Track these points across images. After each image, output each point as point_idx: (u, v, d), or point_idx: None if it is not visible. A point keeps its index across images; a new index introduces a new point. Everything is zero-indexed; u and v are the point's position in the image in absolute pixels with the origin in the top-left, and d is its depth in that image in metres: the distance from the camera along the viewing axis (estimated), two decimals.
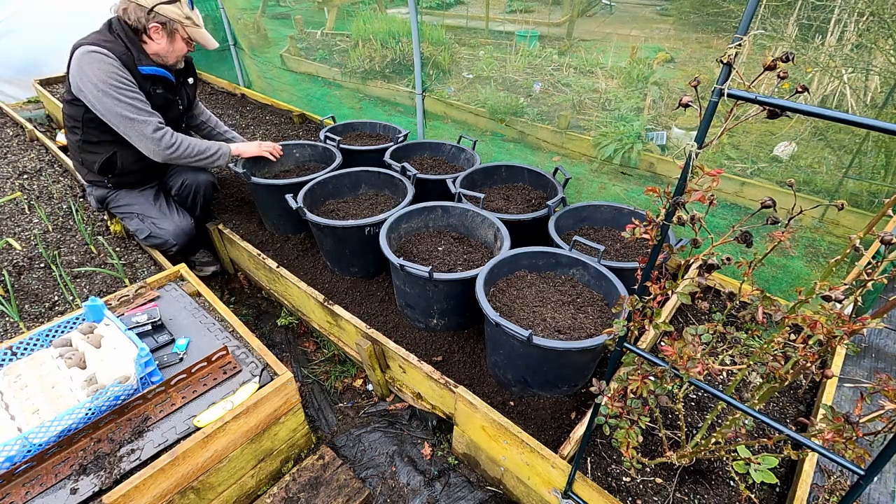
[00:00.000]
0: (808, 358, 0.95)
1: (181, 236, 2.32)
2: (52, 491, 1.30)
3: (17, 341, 1.63)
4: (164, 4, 1.96)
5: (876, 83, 2.40)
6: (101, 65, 1.90)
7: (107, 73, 1.90)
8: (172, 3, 1.98)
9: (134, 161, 2.18)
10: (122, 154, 2.16)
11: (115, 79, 1.92)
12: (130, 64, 1.97)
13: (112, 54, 1.92)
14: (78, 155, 2.23)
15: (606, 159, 2.76)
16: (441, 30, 4.09)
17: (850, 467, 0.74)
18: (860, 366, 2.17)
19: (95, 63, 1.89)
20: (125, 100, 1.95)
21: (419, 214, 2.11)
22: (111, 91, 1.92)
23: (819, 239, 2.26)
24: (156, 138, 2.03)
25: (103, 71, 1.90)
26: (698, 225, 0.81)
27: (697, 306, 2.01)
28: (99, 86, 1.90)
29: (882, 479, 1.75)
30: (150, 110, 2.04)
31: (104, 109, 1.95)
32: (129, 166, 2.21)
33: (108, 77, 1.91)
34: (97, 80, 1.90)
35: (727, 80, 0.68)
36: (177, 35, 2.05)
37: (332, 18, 5.21)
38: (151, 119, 2.02)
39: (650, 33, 3.17)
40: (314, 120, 3.78)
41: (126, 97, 1.95)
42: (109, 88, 1.92)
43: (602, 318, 1.68)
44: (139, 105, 1.99)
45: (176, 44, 2.07)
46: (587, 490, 1.35)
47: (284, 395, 1.61)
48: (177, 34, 2.04)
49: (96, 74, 1.90)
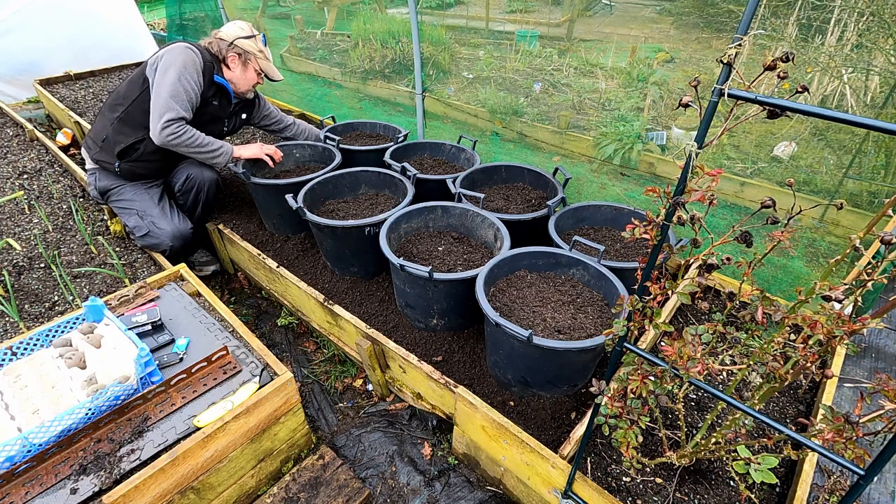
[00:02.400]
0: (808, 358, 0.95)
1: (178, 239, 2.33)
2: (52, 491, 1.30)
3: (17, 341, 1.63)
4: (242, 39, 2.31)
5: (876, 83, 2.40)
6: (191, 55, 2.17)
7: (189, 62, 2.16)
8: (249, 39, 2.32)
9: (154, 152, 2.27)
10: (147, 143, 2.26)
11: (190, 68, 2.16)
12: (208, 71, 2.25)
13: (201, 55, 2.22)
14: (106, 132, 2.30)
15: (606, 159, 2.76)
16: (441, 30, 4.09)
17: (850, 467, 0.74)
18: (860, 366, 2.17)
19: (186, 52, 2.17)
20: (180, 85, 2.13)
21: (419, 214, 2.11)
22: (179, 73, 2.12)
23: (819, 239, 2.26)
24: (164, 122, 2.12)
25: (188, 59, 2.16)
26: (698, 225, 0.81)
27: (697, 306, 2.01)
28: (175, 64, 2.13)
29: (882, 479, 1.75)
30: (187, 106, 2.17)
31: (160, 82, 2.13)
32: (148, 155, 2.30)
33: (187, 65, 2.15)
34: (178, 61, 2.14)
35: (727, 80, 0.68)
36: (250, 65, 2.37)
37: (332, 18, 5.21)
38: (178, 109, 2.14)
39: (650, 33, 3.17)
40: (314, 120, 3.78)
41: (182, 84, 2.13)
42: (180, 70, 2.13)
43: (602, 318, 1.68)
44: (185, 96, 2.15)
45: (248, 73, 2.37)
46: (587, 490, 1.35)
47: (284, 395, 1.61)
48: (250, 64, 2.36)
49: (181, 59, 2.14)
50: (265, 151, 2.50)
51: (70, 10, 4.36)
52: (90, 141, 2.39)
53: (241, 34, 2.32)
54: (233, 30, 2.34)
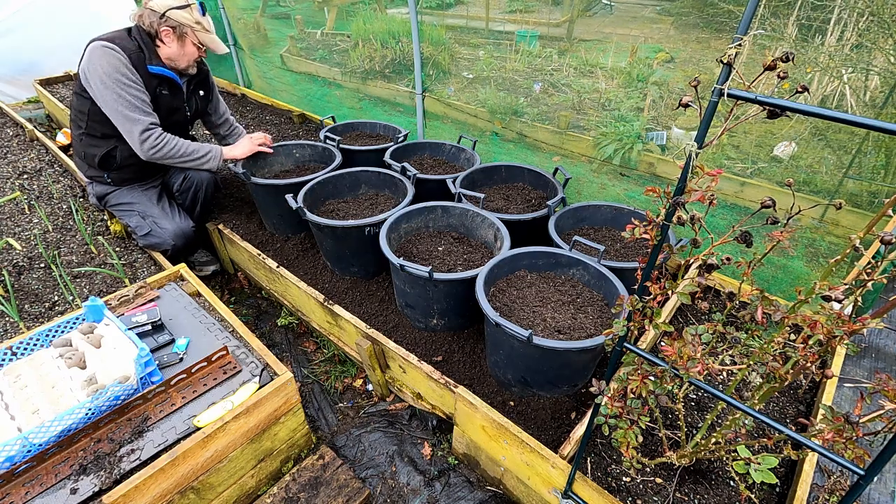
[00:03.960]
0: (808, 358, 0.95)
1: (180, 238, 2.32)
2: (52, 491, 1.30)
3: (17, 341, 1.63)
4: (175, 9, 2.03)
5: (876, 83, 2.40)
6: (110, 59, 1.97)
7: (114, 68, 1.97)
8: (183, 9, 2.05)
9: (131, 155, 2.20)
10: (121, 149, 2.20)
11: (120, 73, 1.98)
12: (140, 62, 2.04)
13: (122, 51, 1.99)
14: (80, 149, 2.26)
15: (606, 159, 2.75)
16: (441, 30, 4.08)
17: (850, 467, 0.74)
18: (860, 366, 2.17)
19: (105, 57, 1.97)
20: (125, 95, 2.01)
21: (419, 214, 2.11)
22: (114, 85, 1.98)
23: (819, 239, 2.26)
24: (142, 139, 2.08)
25: (111, 65, 1.97)
26: (698, 225, 0.81)
27: (697, 306, 2.01)
28: (104, 79, 1.97)
29: (882, 479, 1.75)
30: (146, 109, 2.08)
31: (104, 102, 2.02)
32: (127, 160, 2.24)
33: (115, 71, 1.98)
34: (104, 73, 1.97)
35: (727, 80, 0.68)
36: (187, 39, 2.11)
37: (332, 18, 5.21)
38: (144, 119, 2.06)
39: (650, 33, 3.17)
40: (314, 120, 3.78)
41: (126, 93, 2.01)
42: (113, 83, 1.98)
43: (602, 318, 1.68)
44: (137, 103, 2.04)
45: (186, 48, 2.13)
46: (587, 490, 1.35)
47: (284, 395, 1.61)
48: (187, 38, 2.11)
49: (104, 68, 1.96)
50: (256, 142, 2.43)
51: (70, 10, 4.37)
52: (77, 159, 2.37)
53: (174, 3, 2.05)
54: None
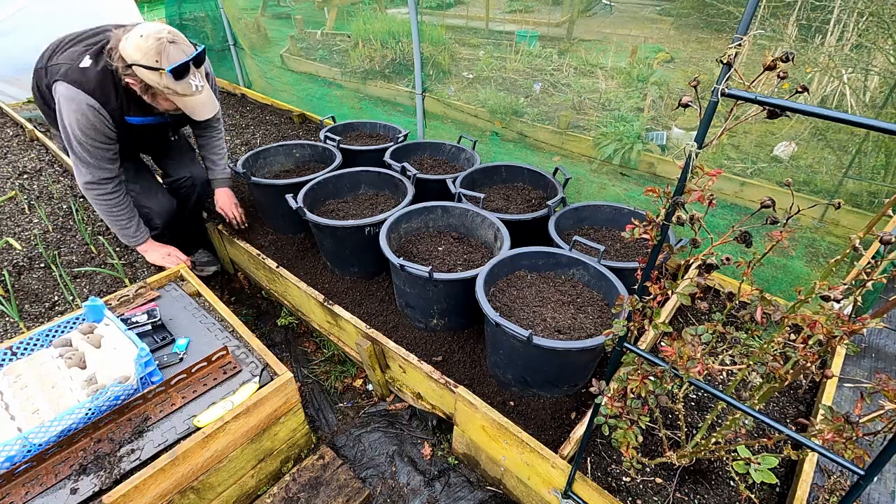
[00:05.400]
0: (808, 358, 0.95)
1: (164, 215, 2.23)
2: (52, 491, 1.30)
3: (17, 341, 1.63)
4: (142, 68, 1.65)
5: (875, 83, 2.40)
6: (84, 118, 1.75)
7: (86, 127, 1.77)
8: (152, 70, 1.65)
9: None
10: None
11: (93, 137, 1.80)
12: (117, 114, 1.81)
13: (101, 107, 1.76)
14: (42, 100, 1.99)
15: (606, 159, 2.76)
16: (441, 30, 4.09)
17: (849, 467, 0.74)
18: (860, 366, 2.17)
19: (80, 114, 1.74)
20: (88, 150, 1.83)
21: (419, 214, 2.11)
22: (82, 142, 1.80)
23: (819, 239, 2.26)
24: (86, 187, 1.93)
25: (83, 124, 1.76)
26: (698, 225, 0.81)
27: (697, 306, 2.01)
28: (76, 133, 1.78)
29: (882, 479, 1.75)
30: (105, 165, 1.90)
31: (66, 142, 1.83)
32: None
33: (88, 135, 1.79)
34: (75, 126, 1.76)
35: (727, 79, 0.68)
36: (158, 97, 1.78)
37: (333, 18, 5.22)
38: (97, 173, 1.89)
39: (650, 33, 3.18)
40: (314, 120, 3.78)
41: (92, 148, 1.83)
42: (84, 140, 1.80)
43: (602, 318, 1.68)
44: (98, 157, 1.86)
45: (159, 102, 1.80)
46: (587, 490, 1.35)
47: (284, 395, 1.61)
48: (158, 96, 1.77)
49: (76, 122, 1.76)
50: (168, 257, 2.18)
51: (70, 11, 4.36)
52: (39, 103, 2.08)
53: (141, 60, 1.63)
54: (134, 48, 1.63)
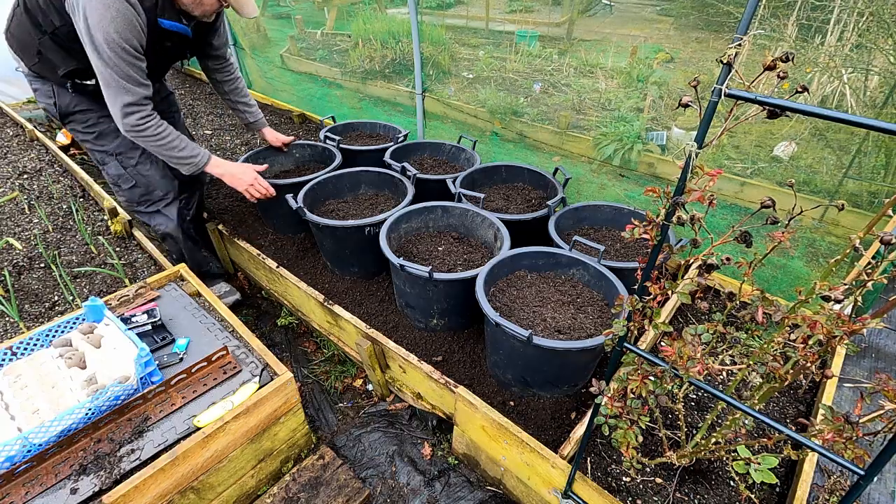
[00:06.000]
0: (808, 358, 0.95)
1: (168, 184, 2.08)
2: (52, 491, 1.30)
3: (17, 341, 1.62)
4: None
5: (875, 83, 2.40)
6: (124, 19, 1.58)
7: (125, 29, 1.60)
8: None
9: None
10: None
11: (127, 41, 1.62)
12: (152, 14, 1.67)
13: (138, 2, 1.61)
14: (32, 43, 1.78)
15: (606, 160, 2.75)
16: (441, 30, 4.09)
17: (849, 467, 0.74)
18: (860, 366, 2.16)
19: (120, 14, 1.57)
20: (122, 65, 1.66)
21: (419, 214, 2.11)
22: (116, 52, 1.62)
23: (819, 239, 2.26)
24: (125, 111, 1.74)
25: (123, 26, 1.59)
26: (698, 225, 0.81)
27: (697, 306, 2.01)
28: (108, 41, 1.59)
29: (882, 479, 1.75)
30: (142, 80, 1.74)
31: (96, 58, 1.65)
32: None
33: (122, 38, 1.61)
34: (113, 31, 1.58)
35: (727, 79, 0.68)
36: None
37: (333, 18, 5.21)
38: (137, 90, 1.72)
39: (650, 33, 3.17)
40: (314, 120, 3.78)
41: (125, 62, 1.66)
42: (117, 48, 1.61)
43: (602, 318, 1.68)
44: (133, 73, 1.70)
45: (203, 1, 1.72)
46: (587, 490, 1.35)
47: (284, 395, 1.61)
48: None
49: (114, 26, 1.57)
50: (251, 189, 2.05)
51: None
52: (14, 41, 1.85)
53: None
54: None
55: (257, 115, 2.48)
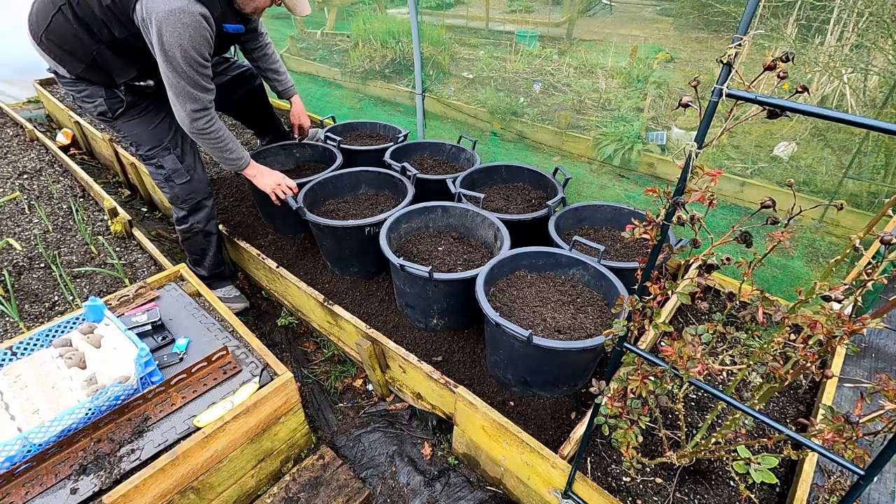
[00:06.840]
0: (808, 358, 0.95)
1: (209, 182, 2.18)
2: (52, 491, 1.30)
3: (17, 341, 1.62)
4: None
5: (875, 83, 2.40)
6: (200, 34, 1.67)
7: (200, 44, 1.69)
8: None
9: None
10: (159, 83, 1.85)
11: (201, 52, 1.71)
12: (219, 21, 1.76)
13: (209, 13, 1.69)
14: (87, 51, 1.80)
15: (606, 160, 2.76)
16: (441, 30, 4.09)
17: (849, 467, 0.74)
18: (860, 366, 2.16)
19: (196, 32, 1.66)
20: (194, 76, 1.75)
21: (419, 214, 2.11)
22: (192, 64, 1.71)
23: (819, 239, 2.26)
24: (194, 117, 1.84)
25: (199, 42, 1.68)
26: (698, 225, 0.81)
27: (697, 306, 2.01)
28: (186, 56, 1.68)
29: (882, 479, 1.75)
30: (208, 86, 1.84)
31: (169, 71, 1.72)
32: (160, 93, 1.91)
33: (199, 48, 1.69)
34: (189, 47, 1.66)
35: (727, 79, 0.68)
36: None
37: (332, 18, 5.22)
38: (204, 97, 1.82)
39: (650, 33, 3.18)
40: (314, 120, 3.78)
41: (198, 73, 1.75)
42: (192, 62, 1.70)
43: (602, 318, 1.68)
44: (202, 81, 1.79)
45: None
46: (587, 490, 1.35)
47: (284, 395, 1.61)
48: None
49: (191, 43, 1.66)
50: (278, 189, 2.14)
51: None
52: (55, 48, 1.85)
53: None
54: None
55: (286, 82, 2.45)
